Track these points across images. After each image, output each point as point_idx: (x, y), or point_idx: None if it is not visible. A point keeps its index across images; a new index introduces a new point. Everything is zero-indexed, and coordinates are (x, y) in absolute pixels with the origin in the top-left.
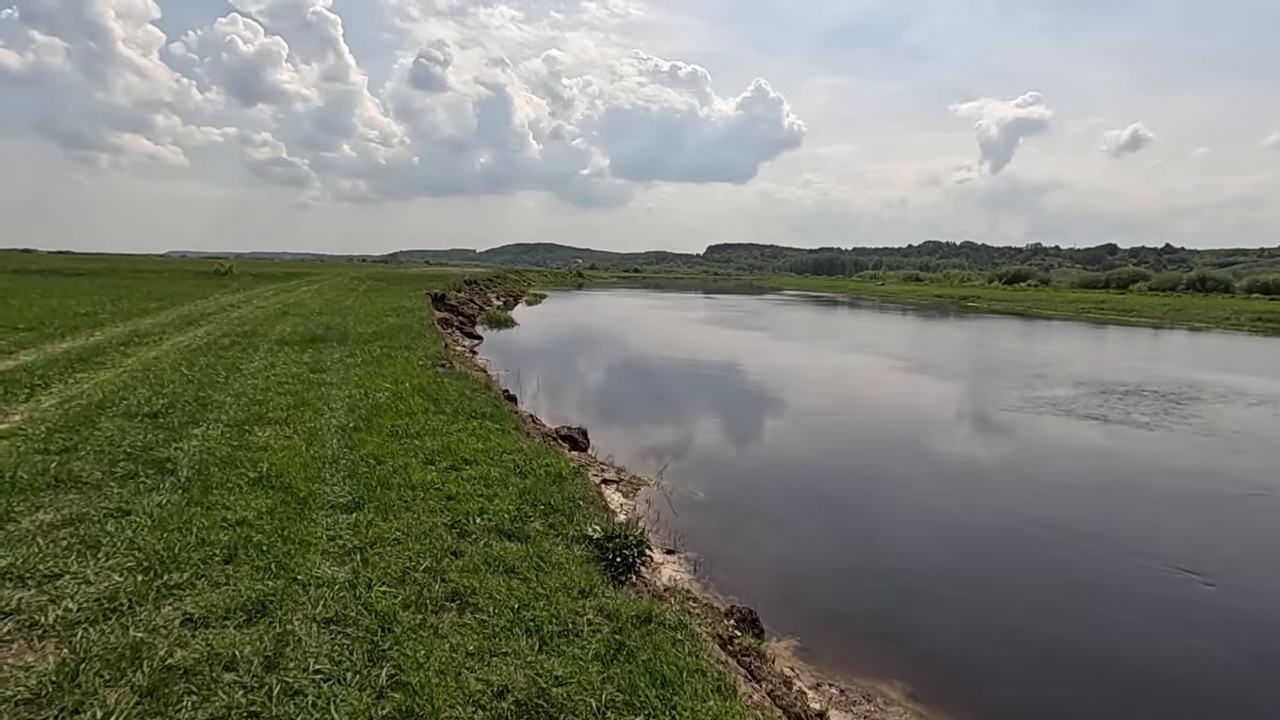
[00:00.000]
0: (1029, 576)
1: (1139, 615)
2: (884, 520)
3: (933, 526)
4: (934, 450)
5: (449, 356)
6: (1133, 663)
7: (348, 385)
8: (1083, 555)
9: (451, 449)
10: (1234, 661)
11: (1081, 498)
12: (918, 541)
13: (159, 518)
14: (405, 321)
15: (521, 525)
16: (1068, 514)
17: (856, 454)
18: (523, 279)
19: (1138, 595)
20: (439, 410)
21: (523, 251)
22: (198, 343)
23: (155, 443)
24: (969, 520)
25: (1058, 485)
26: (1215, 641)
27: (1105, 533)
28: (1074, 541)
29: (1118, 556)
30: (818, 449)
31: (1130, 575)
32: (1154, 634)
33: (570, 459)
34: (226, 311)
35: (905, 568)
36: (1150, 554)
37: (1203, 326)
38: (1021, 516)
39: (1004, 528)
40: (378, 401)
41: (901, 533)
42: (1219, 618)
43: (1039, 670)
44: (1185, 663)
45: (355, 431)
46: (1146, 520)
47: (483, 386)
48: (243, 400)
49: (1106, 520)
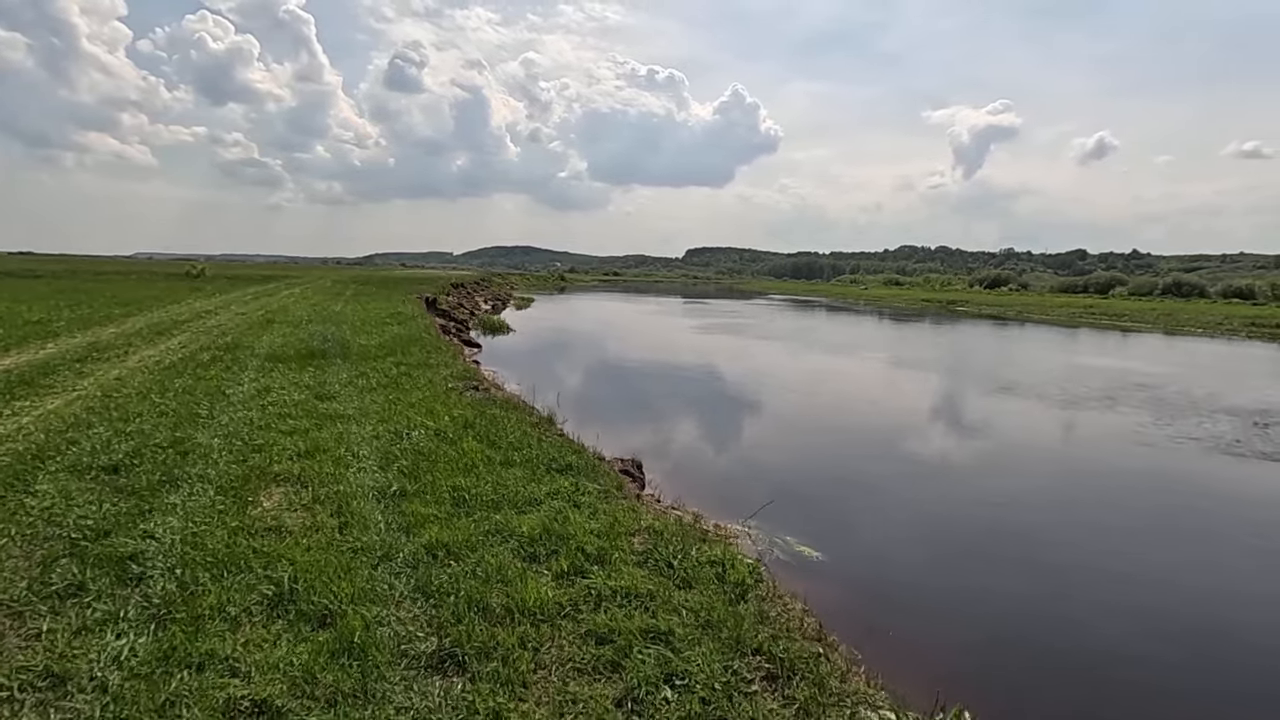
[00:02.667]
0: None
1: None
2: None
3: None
4: (1124, 502)
5: (478, 376)
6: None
7: (369, 419)
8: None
9: (555, 531)
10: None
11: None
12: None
13: (117, 696)
14: (410, 331)
15: (748, 708)
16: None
17: (1020, 502)
18: (506, 282)
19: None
20: (505, 459)
21: (500, 254)
22: (171, 358)
23: (115, 522)
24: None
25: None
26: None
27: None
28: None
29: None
30: (952, 490)
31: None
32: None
33: (744, 557)
34: (202, 319)
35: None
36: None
37: (1200, 332)
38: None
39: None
40: (418, 445)
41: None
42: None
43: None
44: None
45: (402, 499)
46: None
47: (544, 420)
48: (235, 444)
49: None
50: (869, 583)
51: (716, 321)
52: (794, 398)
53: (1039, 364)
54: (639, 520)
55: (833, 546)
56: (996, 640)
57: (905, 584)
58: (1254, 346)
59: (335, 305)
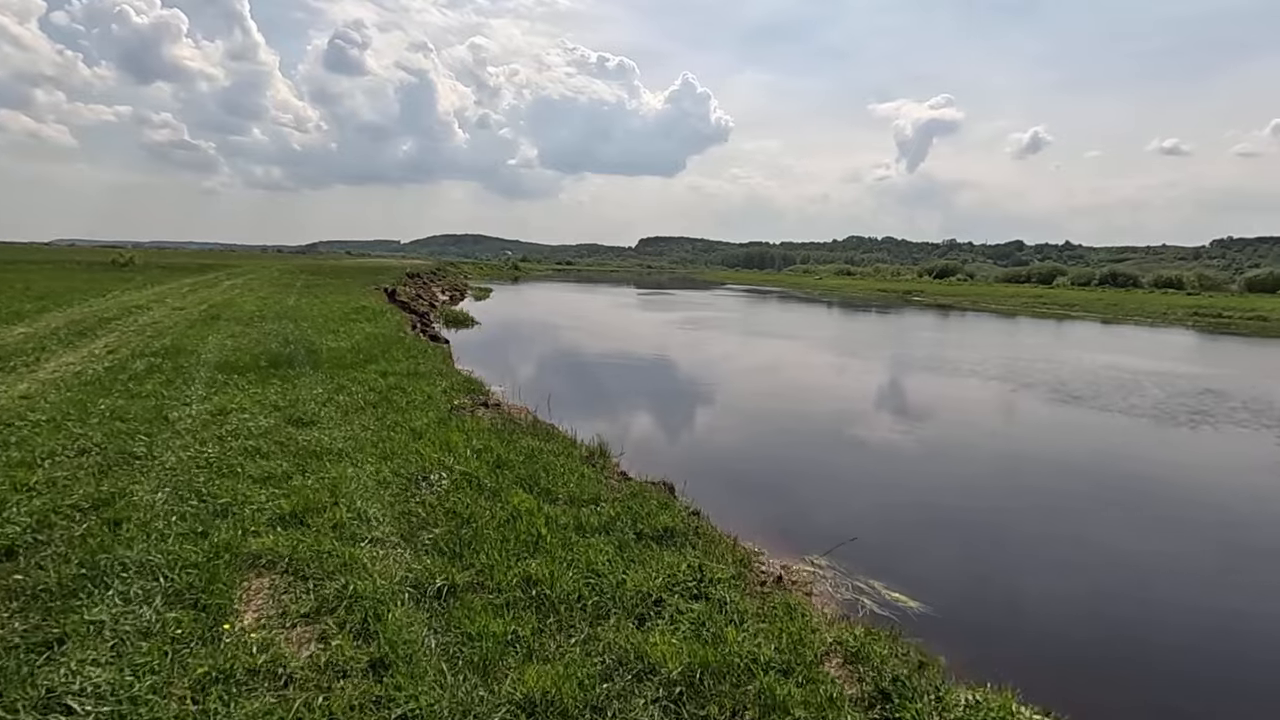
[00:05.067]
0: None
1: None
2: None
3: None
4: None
5: (482, 388)
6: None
7: (366, 455)
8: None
9: (713, 663)
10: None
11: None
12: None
13: None
14: (383, 330)
15: None
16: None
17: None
18: (460, 271)
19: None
20: (576, 520)
21: (450, 243)
22: (95, 368)
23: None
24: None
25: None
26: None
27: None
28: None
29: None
30: (1072, 526)
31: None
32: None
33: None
34: (133, 315)
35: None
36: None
37: (1146, 322)
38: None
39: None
40: (446, 498)
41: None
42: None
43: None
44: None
45: (453, 600)
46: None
47: (596, 452)
48: (188, 503)
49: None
50: (994, 638)
51: (696, 315)
52: (833, 405)
53: (1073, 364)
54: (814, 629)
55: (932, 592)
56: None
57: (1051, 641)
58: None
59: (288, 299)
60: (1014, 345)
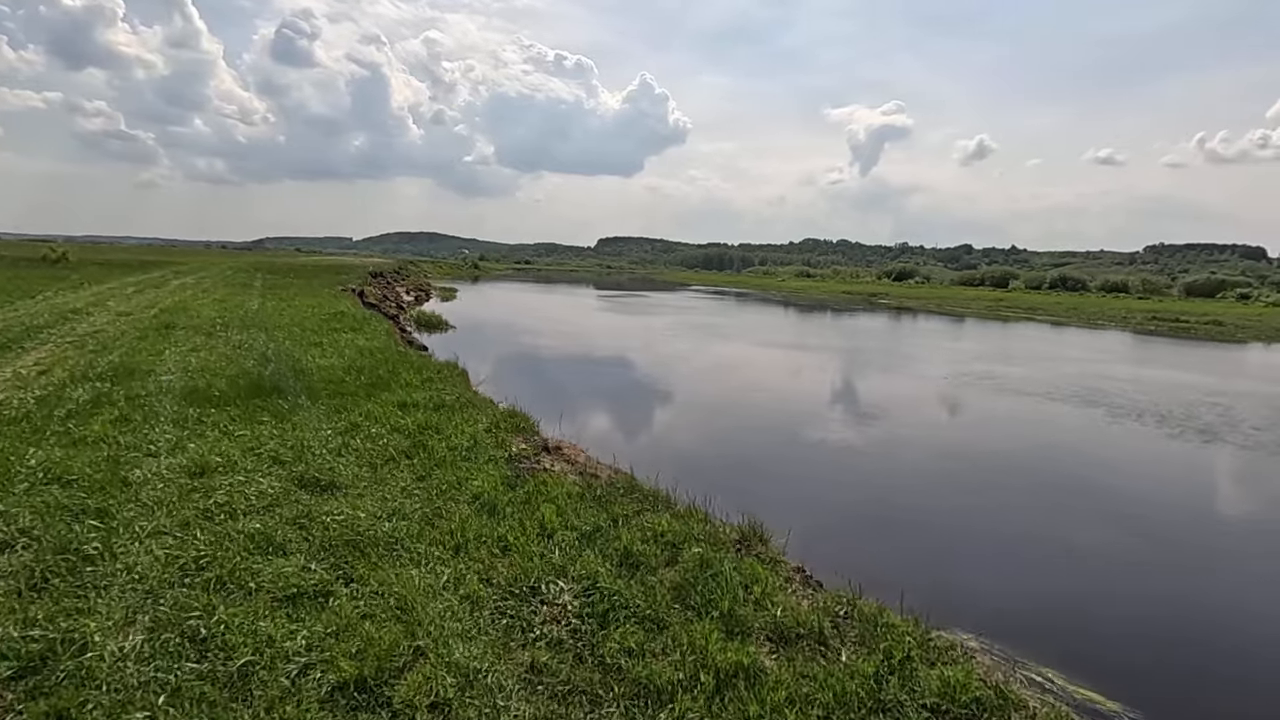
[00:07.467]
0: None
1: None
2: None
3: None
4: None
5: (528, 421)
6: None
7: (427, 546)
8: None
9: None
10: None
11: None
12: None
13: None
14: (375, 343)
15: None
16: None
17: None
18: (420, 270)
19: None
20: (794, 673)
21: (405, 240)
22: (22, 399)
23: None
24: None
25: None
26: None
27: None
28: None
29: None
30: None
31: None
32: None
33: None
34: (70, 321)
35: None
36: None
37: (1113, 326)
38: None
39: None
40: (584, 638)
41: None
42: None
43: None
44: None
45: None
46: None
47: (750, 535)
48: (182, 660)
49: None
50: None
51: (676, 320)
52: (885, 427)
53: (1160, 385)
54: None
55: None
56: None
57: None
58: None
59: (250, 301)
60: (1054, 359)
